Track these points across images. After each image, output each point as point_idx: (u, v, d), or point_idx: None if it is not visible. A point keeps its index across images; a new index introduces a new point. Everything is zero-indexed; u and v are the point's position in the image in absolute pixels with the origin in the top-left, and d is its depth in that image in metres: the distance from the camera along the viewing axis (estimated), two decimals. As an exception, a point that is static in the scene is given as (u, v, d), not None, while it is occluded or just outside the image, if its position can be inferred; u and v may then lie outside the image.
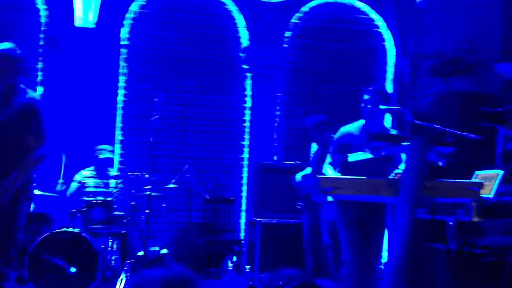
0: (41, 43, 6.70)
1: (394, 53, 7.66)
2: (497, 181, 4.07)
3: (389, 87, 7.70)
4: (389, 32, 7.72)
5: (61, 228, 4.73)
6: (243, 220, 7.04)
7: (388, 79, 7.75)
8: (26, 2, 6.67)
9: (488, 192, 4.02)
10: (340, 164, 3.85)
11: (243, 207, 7.08)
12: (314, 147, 5.42)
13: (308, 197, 5.14)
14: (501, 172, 4.04)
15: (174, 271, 1.69)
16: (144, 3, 7.09)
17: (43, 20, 6.74)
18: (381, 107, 3.58)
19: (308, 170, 5.29)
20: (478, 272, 4.14)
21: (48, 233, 4.63)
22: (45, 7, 6.72)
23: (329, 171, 3.86)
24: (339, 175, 3.72)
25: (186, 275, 1.67)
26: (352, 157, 3.55)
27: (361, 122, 3.91)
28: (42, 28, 6.72)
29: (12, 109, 3.36)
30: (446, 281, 4.20)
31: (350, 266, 3.66)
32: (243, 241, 6.47)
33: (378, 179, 3.28)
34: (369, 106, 3.79)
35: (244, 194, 7.12)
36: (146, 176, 5.40)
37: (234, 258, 6.03)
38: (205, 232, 6.18)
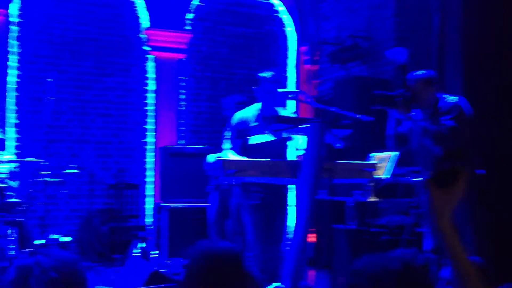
0: None
1: (295, 39, 7.84)
2: (391, 162, 4.31)
3: (291, 72, 7.89)
4: (290, 17, 7.89)
5: None
6: (148, 206, 6.94)
7: (289, 64, 7.93)
8: None
9: (382, 173, 4.26)
10: (241, 148, 3.90)
11: (149, 192, 6.97)
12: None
13: (217, 179, 5.14)
14: (394, 154, 4.27)
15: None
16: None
17: None
18: (280, 90, 3.66)
19: (223, 154, 5.24)
20: (376, 250, 4.37)
21: None
22: None
23: (231, 156, 3.90)
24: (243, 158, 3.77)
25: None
26: (253, 139, 3.60)
27: (255, 106, 3.99)
28: None
29: None
30: (346, 260, 4.41)
31: (254, 249, 3.73)
32: (149, 227, 6.39)
33: (279, 161, 3.36)
34: (261, 90, 3.87)
35: (148, 179, 7.00)
36: (42, 162, 5.15)
37: (140, 245, 5.95)
38: (110, 219, 6.03)
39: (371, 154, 4.60)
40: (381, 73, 6.23)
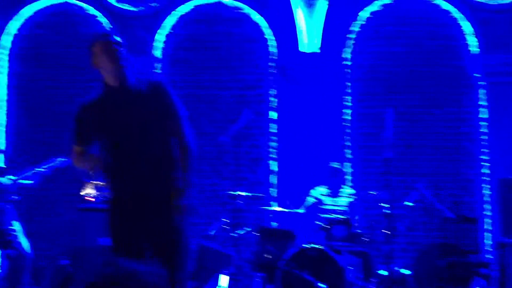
0: (272, 71, 7.15)
1: None
2: None
3: None
4: None
5: (306, 244, 4.92)
6: (487, 241, 6.53)
7: None
8: (255, 34, 7.20)
9: None
10: None
11: (487, 226, 6.56)
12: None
13: None
14: None
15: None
16: (364, 22, 7.13)
17: (271, 49, 7.19)
18: None
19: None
20: None
21: (297, 249, 4.85)
22: (272, 37, 7.17)
23: None
24: None
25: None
26: None
27: None
28: (271, 57, 7.18)
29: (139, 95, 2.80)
30: None
31: None
32: (491, 264, 5.97)
33: None
34: None
35: (487, 212, 6.60)
36: (377, 193, 5.35)
37: (482, 283, 5.59)
38: (447, 253, 5.85)
39: None
40: None
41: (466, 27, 6.94)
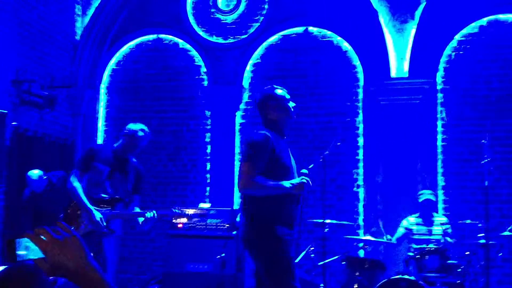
0: (360, 96, 7.06)
1: None
2: None
3: None
4: None
5: (396, 275, 4.73)
6: None
7: None
8: (342, 61, 7.15)
9: None
10: None
11: None
12: None
13: None
14: None
15: None
16: (456, 45, 6.88)
17: (358, 75, 7.11)
18: None
19: None
20: None
21: (385, 280, 4.67)
22: (359, 63, 7.10)
23: None
24: None
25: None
26: None
27: None
28: (358, 83, 7.10)
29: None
30: None
31: None
32: None
33: None
34: None
35: None
36: (478, 224, 5.05)
37: None
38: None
39: None
40: None
41: None
